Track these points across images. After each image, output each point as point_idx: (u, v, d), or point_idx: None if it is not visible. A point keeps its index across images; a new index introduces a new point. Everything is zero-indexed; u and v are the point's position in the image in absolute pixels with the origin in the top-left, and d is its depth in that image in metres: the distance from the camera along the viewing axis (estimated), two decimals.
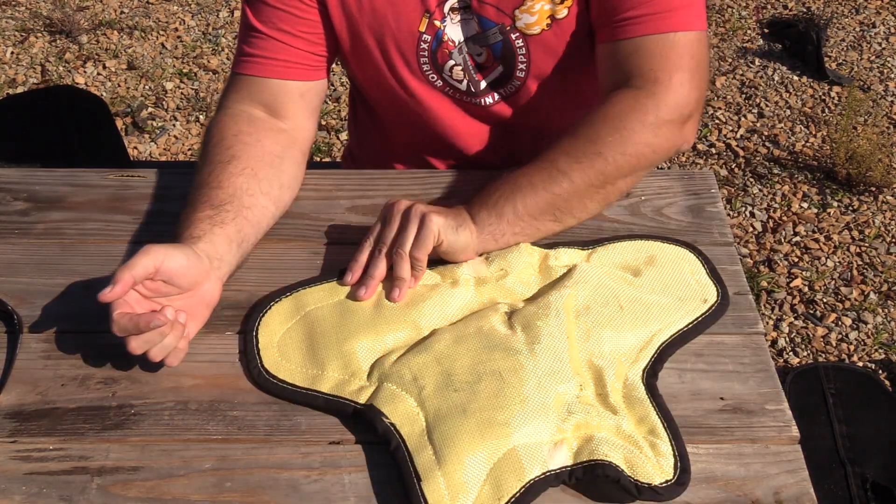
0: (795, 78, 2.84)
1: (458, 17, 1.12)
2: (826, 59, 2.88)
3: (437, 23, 1.12)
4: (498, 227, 1.00)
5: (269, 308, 0.98)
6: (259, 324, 0.96)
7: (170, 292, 0.91)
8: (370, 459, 0.85)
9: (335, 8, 1.11)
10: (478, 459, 0.81)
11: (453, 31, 1.13)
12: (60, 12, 3.00)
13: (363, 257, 0.99)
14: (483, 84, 1.18)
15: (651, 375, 0.90)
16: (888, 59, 2.92)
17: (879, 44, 2.99)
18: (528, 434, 0.83)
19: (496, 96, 1.20)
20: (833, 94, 2.77)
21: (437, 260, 1.00)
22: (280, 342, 0.94)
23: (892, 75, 2.85)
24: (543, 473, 0.81)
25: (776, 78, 2.85)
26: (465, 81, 1.18)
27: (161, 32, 3.00)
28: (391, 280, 0.97)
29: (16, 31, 2.99)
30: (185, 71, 2.85)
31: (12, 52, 2.90)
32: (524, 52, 1.14)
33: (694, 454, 0.85)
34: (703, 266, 1.03)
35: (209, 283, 0.94)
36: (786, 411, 0.89)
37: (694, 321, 0.96)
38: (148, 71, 2.84)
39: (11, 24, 3.02)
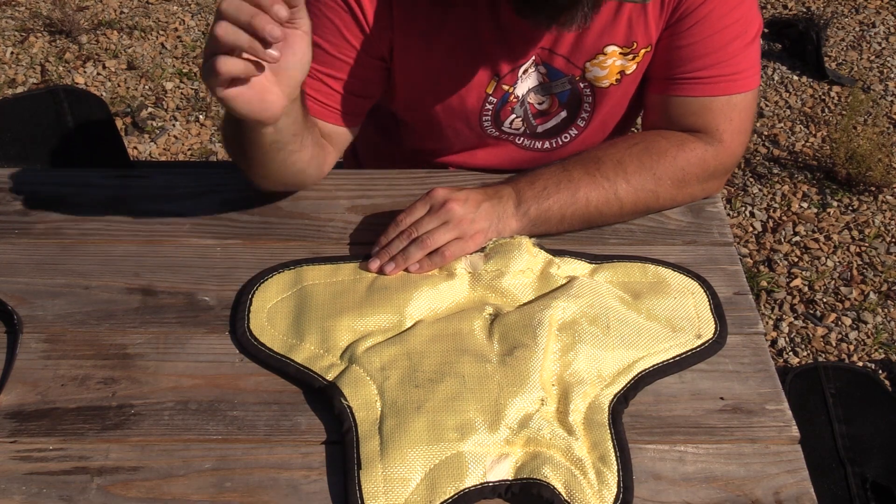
0: (795, 78, 2.84)
1: (528, 73, 1.11)
2: (826, 58, 2.88)
3: (507, 86, 1.11)
4: (538, 227, 1.04)
5: (271, 276, 1.01)
6: (257, 288, 0.99)
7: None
8: None
9: (400, 72, 1.09)
10: (420, 457, 0.82)
11: (521, 88, 1.12)
12: (60, 12, 2.99)
13: (385, 239, 1.02)
14: (539, 129, 1.18)
15: (621, 402, 0.88)
16: (888, 58, 2.92)
17: (879, 44, 2.99)
18: (474, 442, 0.83)
19: (550, 143, 1.20)
20: (833, 93, 2.77)
21: None
22: (270, 309, 0.97)
23: (892, 75, 2.85)
24: (480, 484, 0.81)
25: (776, 78, 2.84)
26: (522, 128, 1.18)
27: (161, 32, 3.00)
28: (396, 256, 1.00)
29: (16, 31, 2.99)
30: (184, 71, 2.85)
31: (12, 52, 2.90)
32: (590, 101, 1.15)
33: (694, 454, 0.85)
34: (709, 302, 1.00)
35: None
36: (786, 411, 0.89)
37: (681, 354, 0.94)
38: (148, 71, 2.84)
39: (11, 24, 3.01)
